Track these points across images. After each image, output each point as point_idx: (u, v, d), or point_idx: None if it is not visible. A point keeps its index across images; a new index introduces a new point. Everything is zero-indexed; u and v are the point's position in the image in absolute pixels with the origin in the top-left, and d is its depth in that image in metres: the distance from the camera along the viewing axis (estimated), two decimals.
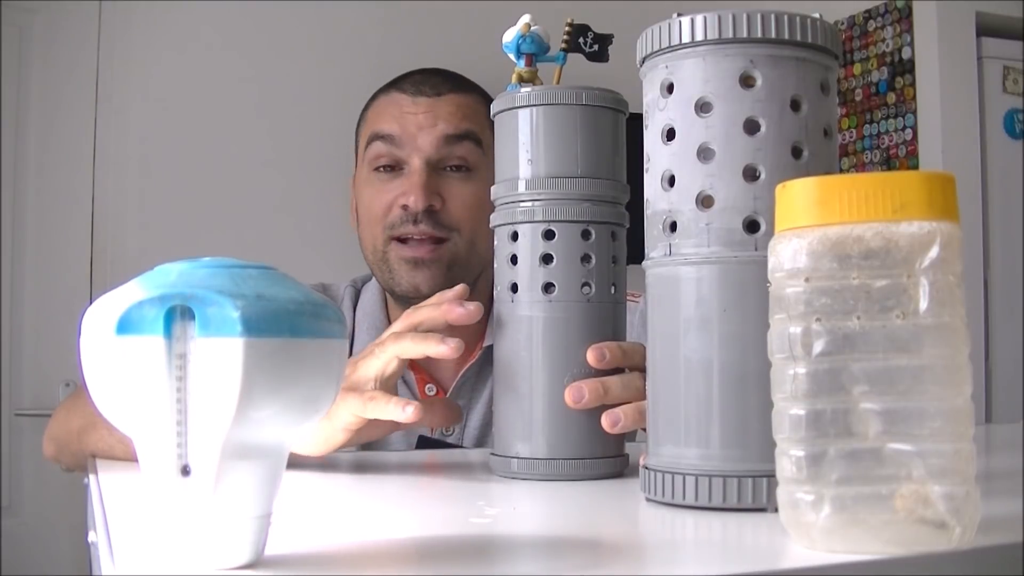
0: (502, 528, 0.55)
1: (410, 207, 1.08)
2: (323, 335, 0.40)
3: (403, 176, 1.11)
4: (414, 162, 1.10)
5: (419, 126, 1.11)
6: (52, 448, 0.97)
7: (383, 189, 1.12)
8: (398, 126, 1.11)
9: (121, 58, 2.33)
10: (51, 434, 0.97)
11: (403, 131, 1.11)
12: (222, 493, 0.39)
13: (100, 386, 0.39)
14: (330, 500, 0.66)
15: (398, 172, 1.12)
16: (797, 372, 0.43)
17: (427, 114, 1.11)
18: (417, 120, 1.11)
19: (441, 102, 1.12)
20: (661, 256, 0.57)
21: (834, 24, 0.61)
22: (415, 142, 1.10)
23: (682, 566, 0.46)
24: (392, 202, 1.10)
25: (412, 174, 1.10)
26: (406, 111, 1.11)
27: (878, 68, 2.60)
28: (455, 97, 1.12)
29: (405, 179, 1.10)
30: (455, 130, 1.11)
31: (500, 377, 0.73)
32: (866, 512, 0.42)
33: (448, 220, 1.10)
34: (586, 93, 0.72)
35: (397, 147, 1.11)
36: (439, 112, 1.11)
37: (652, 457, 0.58)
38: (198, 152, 2.38)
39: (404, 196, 1.09)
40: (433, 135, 1.10)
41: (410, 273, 1.10)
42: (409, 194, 1.08)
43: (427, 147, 1.10)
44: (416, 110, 1.11)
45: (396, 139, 1.11)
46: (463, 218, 1.10)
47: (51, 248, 2.26)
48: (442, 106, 1.12)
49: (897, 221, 0.42)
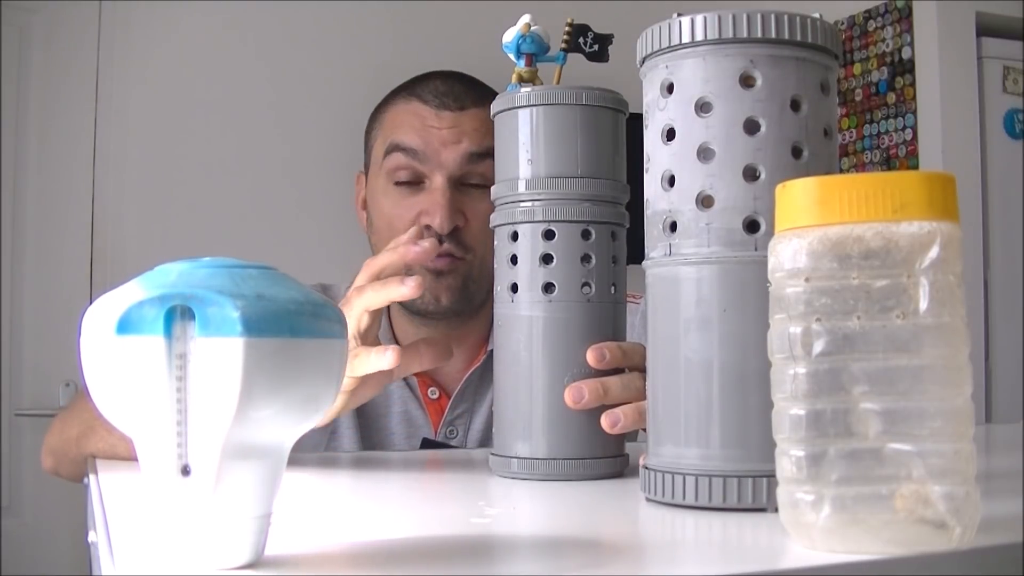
0: (502, 528, 0.55)
1: (435, 228, 1.06)
2: (323, 335, 0.40)
3: (425, 192, 1.09)
4: (437, 179, 1.08)
5: (443, 142, 1.08)
6: (50, 460, 0.97)
7: (404, 204, 1.10)
8: (421, 140, 1.09)
9: (121, 58, 2.33)
10: (48, 447, 0.96)
11: (427, 146, 1.09)
12: (222, 493, 0.39)
13: (100, 386, 0.39)
14: (330, 500, 0.66)
15: (419, 187, 1.10)
16: (797, 372, 0.43)
17: (452, 130, 1.09)
18: (441, 136, 1.09)
19: (465, 117, 1.10)
20: (661, 256, 0.57)
21: (834, 24, 0.61)
22: (439, 158, 1.08)
23: (682, 566, 0.46)
24: (414, 220, 1.08)
25: (435, 191, 1.08)
26: (430, 125, 1.09)
27: (878, 68, 2.60)
28: (478, 112, 1.10)
29: (427, 195, 1.08)
30: (479, 148, 1.08)
31: (500, 377, 0.73)
32: (866, 512, 0.42)
33: (468, 239, 1.09)
34: (586, 93, 0.72)
35: (419, 162, 1.09)
36: (464, 128, 1.09)
37: (652, 457, 0.58)
38: (198, 152, 2.38)
39: (428, 216, 1.07)
40: (458, 152, 1.08)
41: (433, 284, 1.08)
42: (434, 215, 1.06)
43: (451, 164, 1.08)
44: (440, 125, 1.09)
45: (419, 154, 1.09)
46: (481, 237, 1.08)
47: (51, 248, 2.26)
48: (466, 122, 1.09)
49: (897, 221, 0.42)
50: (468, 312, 1.12)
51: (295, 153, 2.45)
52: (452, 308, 1.09)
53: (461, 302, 1.10)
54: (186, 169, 2.37)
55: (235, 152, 2.41)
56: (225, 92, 2.41)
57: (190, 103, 2.38)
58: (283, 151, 2.45)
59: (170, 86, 2.37)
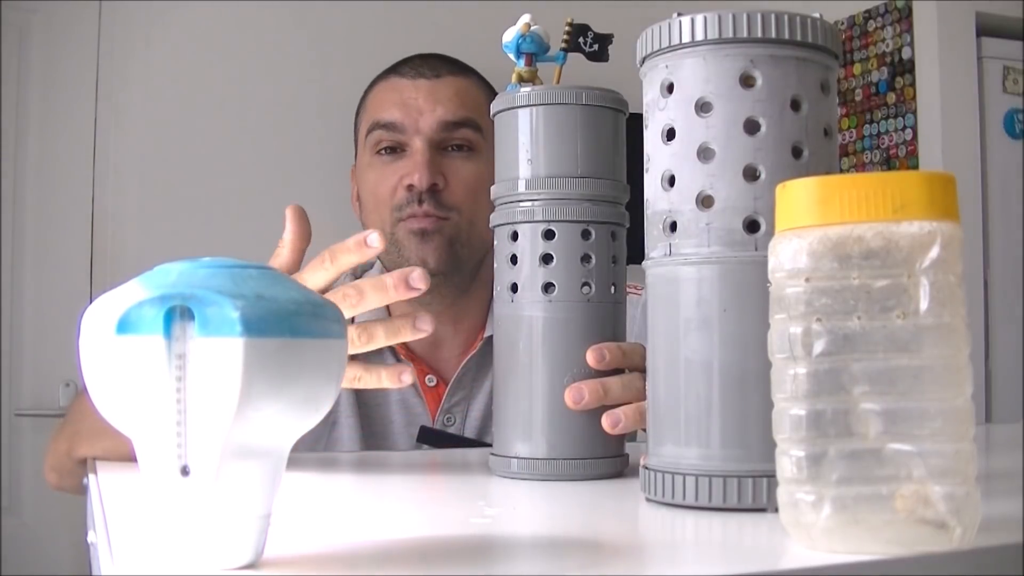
0: (502, 528, 0.55)
1: (415, 185, 1.09)
2: (323, 335, 0.40)
3: (406, 157, 1.12)
4: (416, 143, 1.11)
5: (419, 110, 1.11)
6: (54, 477, 0.97)
7: (386, 171, 1.12)
8: (399, 112, 1.12)
9: (121, 58, 2.33)
10: (49, 465, 0.97)
11: (405, 115, 1.11)
12: (222, 493, 0.39)
13: (100, 386, 0.39)
14: (330, 500, 0.66)
15: (400, 154, 1.12)
16: (797, 372, 0.43)
17: (427, 97, 1.12)
18: (418, 104, 1.12)
19: (440, 84, 1.13)
20: (661, 256, 0.57)
21: (834, 24, 0.61)
22: (416, 125, 1.11)
23: (682, 566, 0.46)
24: (397, 184, 1.11)
25: (415, 154, 1.10)
26: (406, 96, 1.12)
27: (878, 68, 2.60)
28: (454, 80, 1.13)
29: (408, 159, 1.11)
30: (454, 117, 1.11)
31: (500, 377, 0.73)
32: (866, 512, 0.42)
33: (450, 200, 1.11)
34: (586, 93, 0.72)
35: (399, 132, 1.12)
36: (439, 95, 1.12)
37: (652, 457, 0.58)
38: (198, 152, 2.38)
39: (408, 176, 1.10)
40: (433, 118, 1.11)
41: (418, 246, 1.10)
42: (413, 173, 1.09)
43: (428, 129, 1.11)
44: (416, 93, 1.12)
45: (398, 125, 1.12)
46: (464, 198, 1.11)
47: (51, 248, 2.26)
48: (441, 89, 1.12)
49: (897, 221, 0.42)
50: (458, 278, 1.13)
51: (295, 153, 2.45)
52: (441, 270, 1.10)
53: (449, 263, 1.11)
54: (186, 169, 2.37)
55: (235, 152, 2.41)
56: (225, 92, 2.41)
57: (190, 103, 2.38)
58: (283, 151, 2.45)
59: (170, 86, 2.37)
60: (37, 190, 2.26)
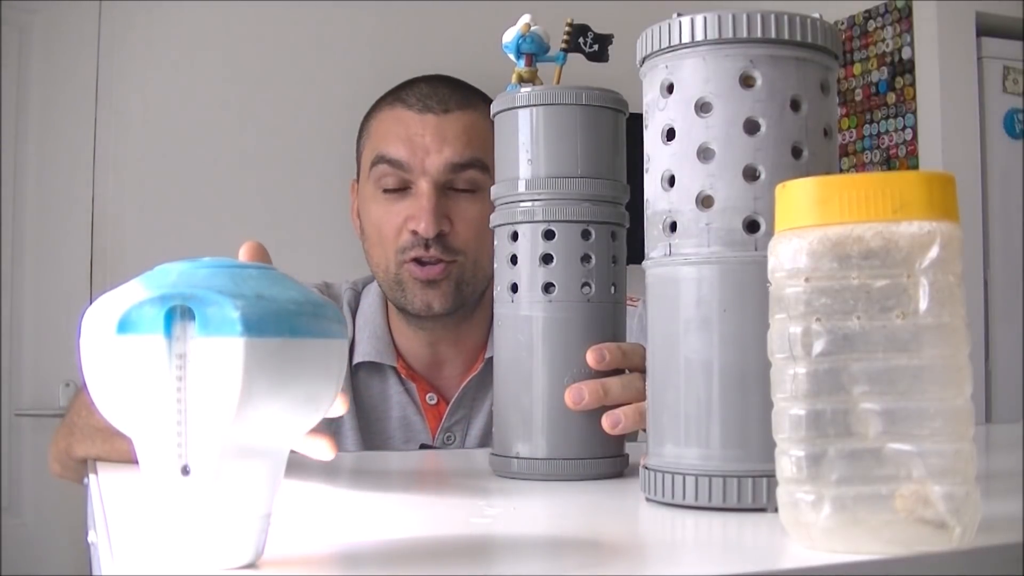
0: (502, 528, 0.55)
1: (420, 233, 1.07)
2: (323, 335, 0.40)
3: (411, 197, 1.09)
4: (422, 185, 1.08)
5: (426, 149, 1.09)
6: (57, 466, 0.97)
7: (391, 211, 1.10)
8: (405, 150, 1.09)
9: (121, 58, 2.33)
10: (52, 455, 0.97)
11: (411, 154, 1.09)
12: (222, 493, 0.39)
13: (100, 386, 0.39)
14: (330, 500, 0.66)
15: (405, 193, 1.10)
16: (797, 372, 0.43)
17: (435, 137, 1.09)
18: (424, 142, 1.09)
19: (448, 121, 1.10)
20: (661, 256, 0.57)
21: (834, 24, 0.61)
22: (423, 165, 1.09)
23: (682, 566, 0.46)
24: (402, 225, 1.09)
25: (420, 196, 1.08)
26: (413, 132, 1.09)
27: (878, 68, 2.60)
28: (462, 116, 1.10)
29: (413, 201, 1.09)
30: (460, 158, 1.09)
31: (500, 377, 0.73)
32: (866, 512, 0.42)
33: (456, 242, 1.09)
34: (586, 93, 0.72)
35: (405, 171, 1.09)
36: (446, 134, 1.09)
37: (652, 457, 0.58)
38: (198, 152, 2.38)
39: (414, 221, 1.08)
40: (440, 160, 1.08)
41: (423, 292, 1.09)
42: (419, 220, 1.07)
43: (434, 171, 1.08)
44: (423, 130, 1.09)
45: (404, 164, 1.09)
46: (470, 240, 1.09)
47: (51, 248, 2.26)
48: (449, 127, 1.09)
49: (897, 221, 0.42)
50: (463, 313, 1.13)
51: (295, 153, 2.45)
52: (447, 311, 1.10)
53: (455, 304, 1.10)
54: (186, 169, 2.37)
55: (235, 152, 2.41)
56: (225, 92, 2.41)
57: (190, 103, 2.38)
58: (283, 151, 2.45)
59: (170, 86, 2.37)
60: (37, 190, 2.26)
